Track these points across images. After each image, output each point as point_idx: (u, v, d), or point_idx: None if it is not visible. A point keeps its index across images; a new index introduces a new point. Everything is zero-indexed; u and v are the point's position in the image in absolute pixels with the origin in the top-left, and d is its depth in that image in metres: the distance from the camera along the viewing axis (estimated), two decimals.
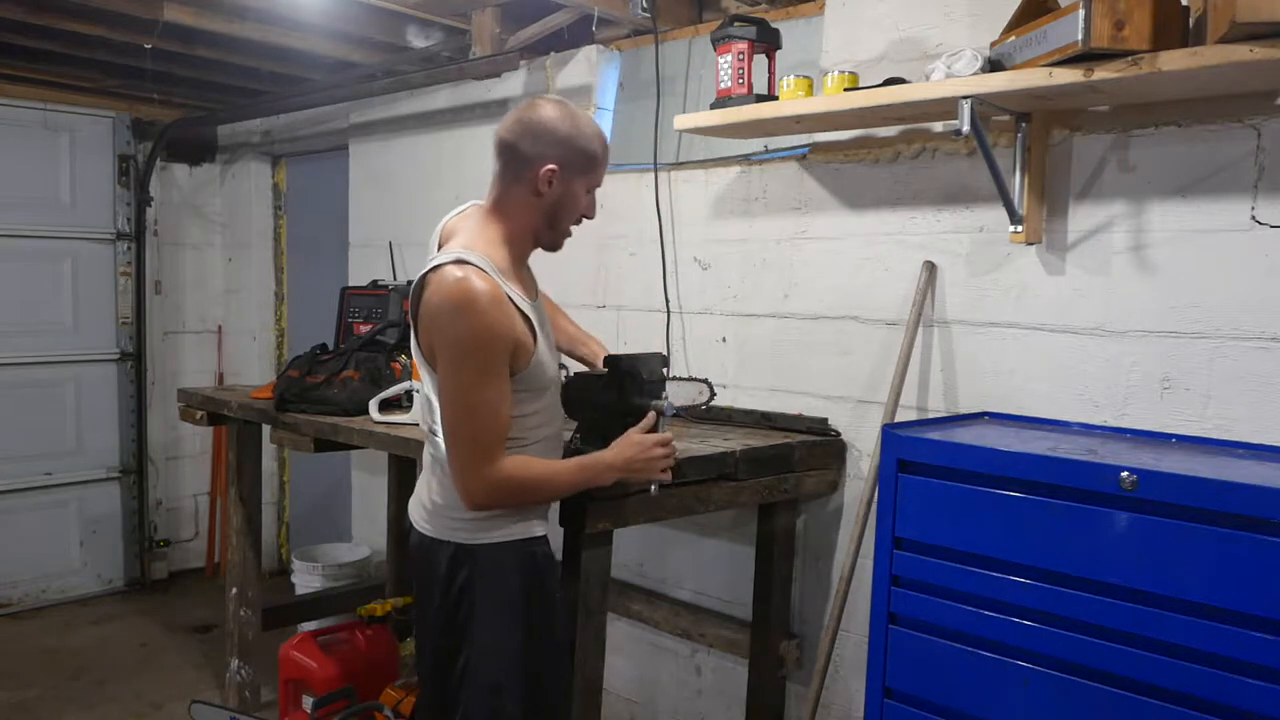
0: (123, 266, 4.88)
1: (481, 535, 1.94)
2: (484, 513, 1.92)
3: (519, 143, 1.89)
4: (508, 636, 1.95)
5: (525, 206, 1.92)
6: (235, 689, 3.48)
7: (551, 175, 1.88)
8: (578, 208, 1.96)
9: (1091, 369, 2.22)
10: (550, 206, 1.92)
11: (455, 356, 1.81)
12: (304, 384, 2.99)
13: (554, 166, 1.88)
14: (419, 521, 2.04)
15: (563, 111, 1.92)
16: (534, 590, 1.97)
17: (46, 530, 4.74)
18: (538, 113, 1.90)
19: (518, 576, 1.95)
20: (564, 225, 1.98)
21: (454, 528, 1.96)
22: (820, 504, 2.73)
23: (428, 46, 3.67)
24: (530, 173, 1.89)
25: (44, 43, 3.83)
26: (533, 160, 1.88)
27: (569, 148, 1.89)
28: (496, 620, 1.94)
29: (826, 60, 2.67)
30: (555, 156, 1.88)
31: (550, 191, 1.90)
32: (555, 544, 2.09)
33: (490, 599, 1.94)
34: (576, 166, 1.91)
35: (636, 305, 3.20)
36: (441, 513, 1.98)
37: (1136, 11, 1.80)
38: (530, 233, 1.95)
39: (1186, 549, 1.69)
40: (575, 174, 1.91)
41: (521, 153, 1.89)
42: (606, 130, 3.34)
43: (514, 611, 1.95)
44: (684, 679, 3.13)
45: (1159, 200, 2.13)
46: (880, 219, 2.59)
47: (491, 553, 1.94)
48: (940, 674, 2.00)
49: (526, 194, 1.91)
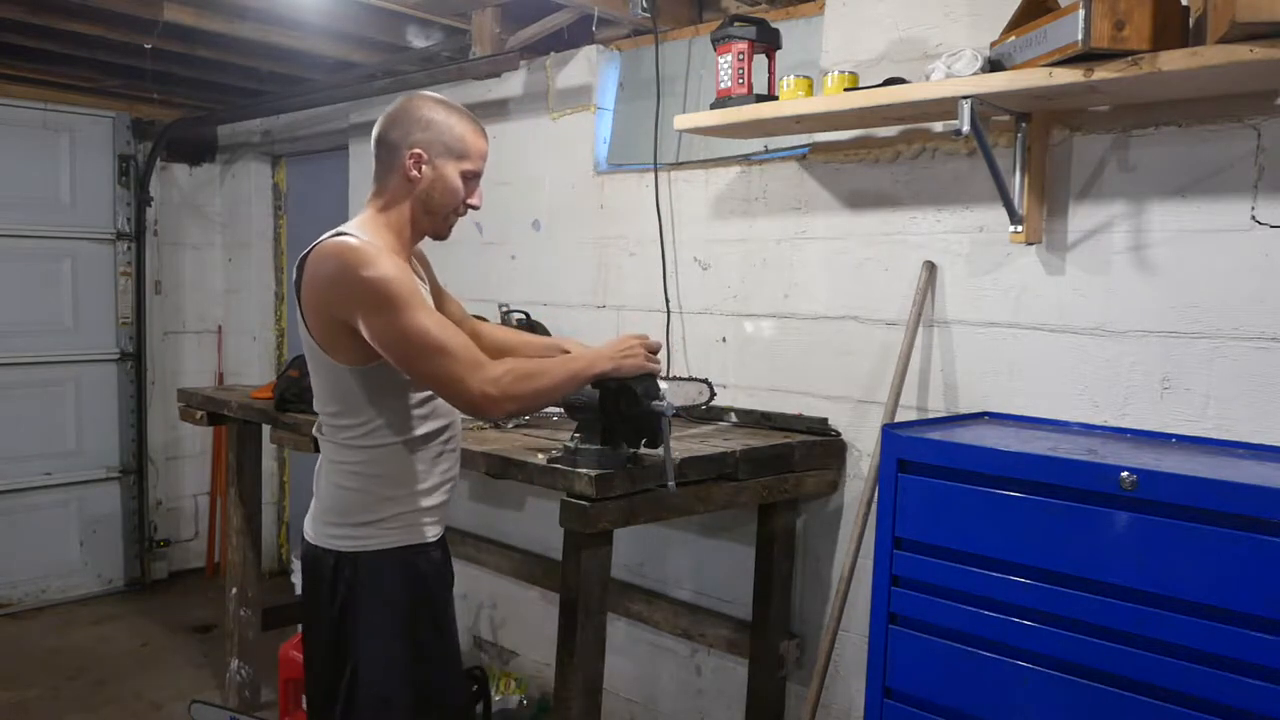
0: (123, 266, 4.88)
1: (362, 543, 1.90)
2: (367, 517, 1.88)
3: (387, 133, 1.91)
4: (394, 646, 1.90)
5: (400, 195, 1.92)
6: (235, 689, 3.48)
7: (418, 159, 1.88)
8: (454, 191, 1.93)
9: (1091, 369, 2.22)
10: (424, 192, 1.91)
11: (379, 303, 1.76)
12: (304, 384, 2.98)
13: (420, 151, 1.88)
14: (306, 530, 2.01)
15: (433, 101, 1.93)
16: (419, 599, 1.93)
17: (46, 530, 4.74)
18: (405, 104, 1.92)
19: (401, 585, 1.90)
20: (443, 211, 1.95)
21: (335, 535, 1.92)
22: (820, 504, 2.73)
23: (428, 46, 3.68)
24: (399, 160, 1.89)
25: (44, 43, 3.83)
26: (399, 146, 1.89)
27: (435, 130, 1.89)
28: (381, 630, 1.90)
29: (826, 60, 2.67)
30: (420, 140, 1.89)
31: (421, 176, 1.90)
32: (555, 542, 2.08)
33: (373, 609, 1.89)
34: (443, 149, 1.90)
35: (636, 305, 3.20)
36: (324, 519, 1.95)
37: (1136, 11, 1.80)
38: (409, 221, 1.94)
39: (1186, 549, 1.69)
40: (444, 157, 1.90)
41: (390, 141, 1.91)
42: (606, 130, 3.35)
43: (399, 621, 1.90)
44: (684, 679, 3.13)
45: (1159, 200, 2.13)
46: (880, 219, 2.59)
47: (372, 560, 1.90)
48: (940, 674, 2.00)
49: (400, 182, 1.91)
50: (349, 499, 1.92)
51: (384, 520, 1.90)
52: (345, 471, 1.92)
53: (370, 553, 1.90)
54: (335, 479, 1.94)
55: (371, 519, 1.90)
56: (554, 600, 2.27)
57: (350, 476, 1.92)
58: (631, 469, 2.12)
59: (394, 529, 1.91)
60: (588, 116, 3.35)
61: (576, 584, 2.18)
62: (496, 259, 3.66)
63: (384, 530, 1.91)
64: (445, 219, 1.97)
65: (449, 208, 1.95)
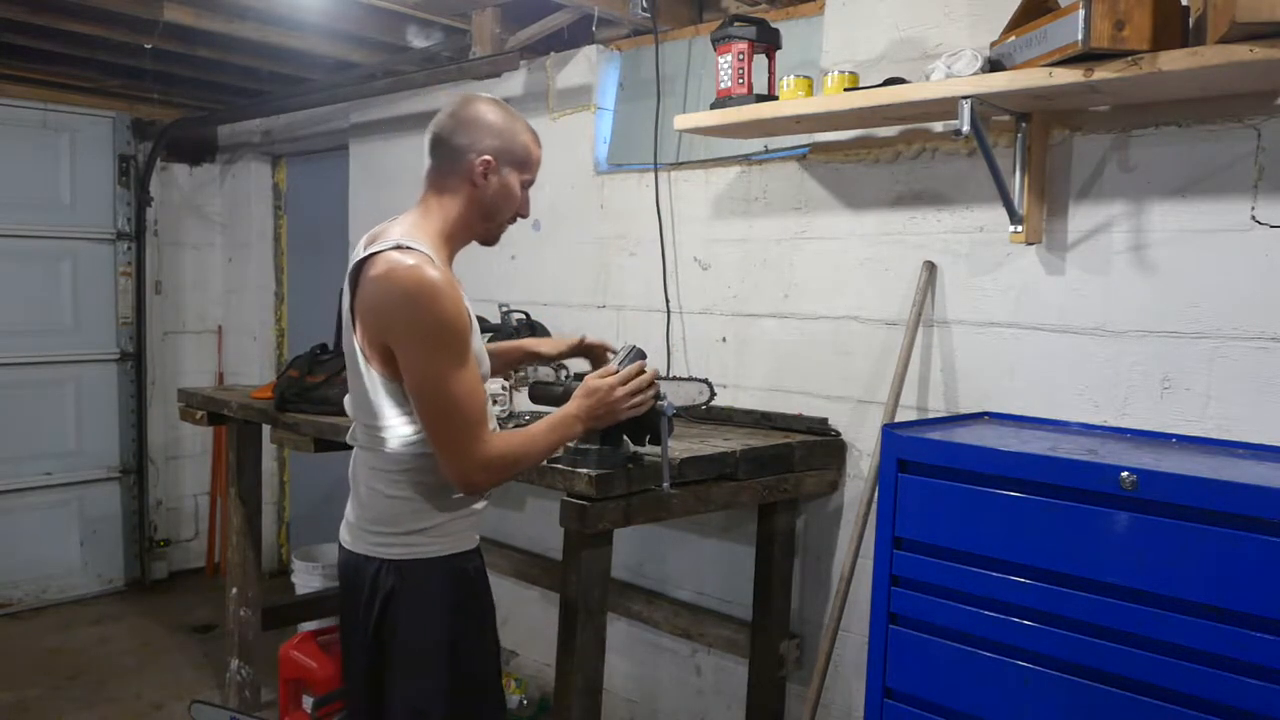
0: (123, 266, 4.88)
1: (411, 550, 1.87)
2: (420, 524, 1.86)
3: (452, 136, 1.87)
4: (433, 657, 1.87)
5: (461, 200, 1.89)
6: (235, 689, 3.48)
7: (487, 165, 1.86)
8: (514, 201, 1.92)
9: (1091, 369, 2.22)
10: (489, 198, 1.89)
11: (427, 347, 1.75)
12: (304, 384, 2.99)
13: (489, 157, 1.86)
14: (344, 539, 1.98)
15: (497, 106, 1.91)
16: (462, 609, 1.90)
17: (46, 530, 4.74)
18: (471, 107, 1.89)
19: (444, 594, 1.88)
20: (501, 219, 1.94)
21: (381, 543, 1.89)
22: (820, 504, 2.73)
23: (428, 46, 3.68)
24: (465, 165, 1.86)
25: (44, 43, 3.83)
26: (466, 151, 1.86)
27: (504, 139, 1.88)
28: (421, 640, 1.87)
29: (826, 60, 2.67)
30: (490, 147, 1.86)
31: (487, 183, 1.87)
32: (555, 544, 2.08)
33: (411, 618, 1.86)
34: (511, 158, 1.89)
35: (636, 305, 3.20)
36: (368, 527, 1.91)
37: (1136, 11, 1.80)
38: (466, 227, 1.92)
39: (1187, 549, 1.69)
40: (510, 166, 1.89)
41: (455, 146, 1.87)
42: (606, 130, 3.35)
43: (439, 631, 1.87)
44: (684, 679, 3.13)
45: (1159, 200, 2.13)
46: (880, 219, 2.59)
47: (421, 568, 1.87)
48: (940, 674, 2.00)
49: (462, 187, 1.88)
50: (397, 507, 1.88)
51: (432, 529, 1.88)
52: (390, 480, 1.88)
53: (419, 561, 1.87)
54: (379, 486, 1.89)
55: (420, 527, 1.87)
56: (554, 600, 2.27)
57: (396, 485, 1.87)
58: (631, 469, 2.13)
59: (442, 537, 1.89)
60: (588, 116, 3.35)
61: (576, 584, 2.18)
62: (496, 259, 3.66)
63: (432, 539, 1.88)
64: (500, 226, 1.96)
65: (507, 216, 1.95)
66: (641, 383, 1.98)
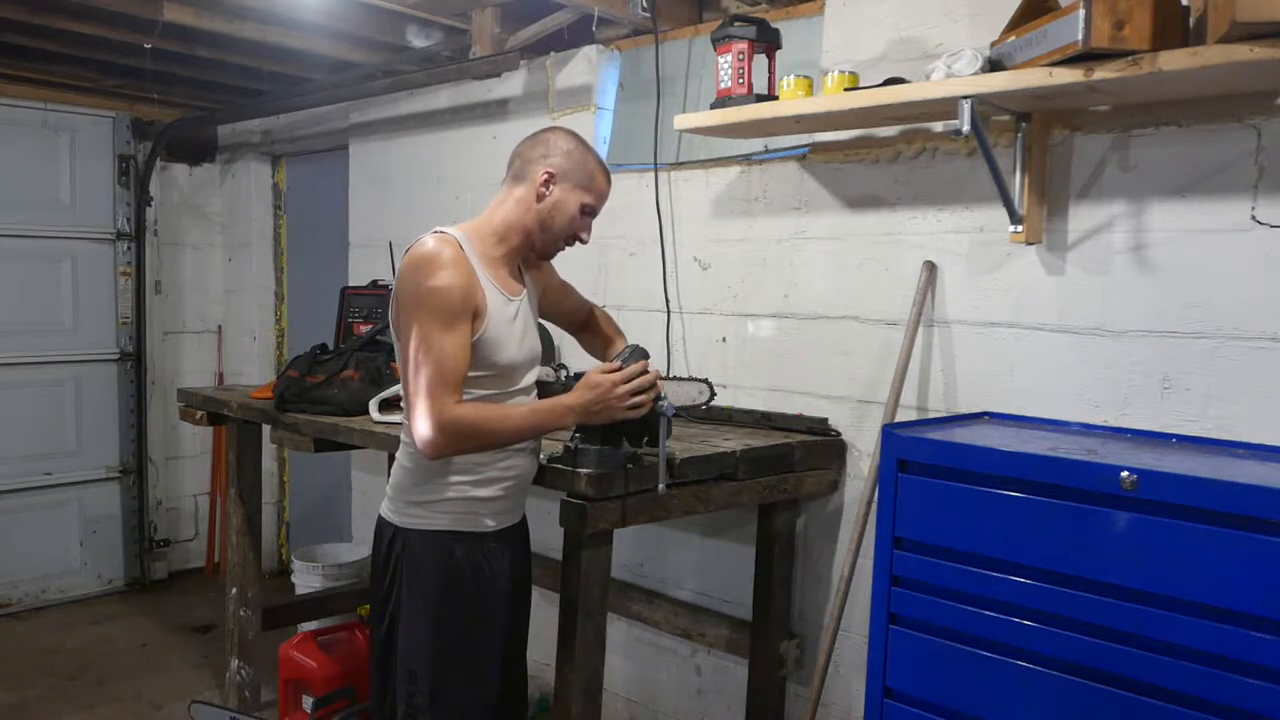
0: (123, 266, 4.88)
1: (411, 520, 2.04)
2: (417, 497, 2.02)
3: (528, 150, 2.08)
4: (421, 626, 2.02)
5: (521, 205, 2.06)
6: (235, 689, 3.48)
7: (549, 178, 2.04)
8: (571, 219, 2.07)
9: (1091, 369, 2.22)
10: (545, 209, 2.05)
11: (415, 309, 1.90)
12: (304, 384, 2.99)
13: (552, 171, 2.04)
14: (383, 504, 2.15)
15: (575, 137, 2.10)
16: (450, 587, 2.02)
17: (46, 530, 4.74)
18: (551, 131, 2.11)
19: (434, 568, 2.02)
20: (556, 232, 2.08)
21: (392, 510, 2.08)
22: (820, 504, 2.73)
23: (428, 46, 3.67)
24: (532, 174, 2.05)
25: (44, 43, 3.82)
26: (535, 163, 2.06)
27: (569, 160, 2.06)
28: (413, 607, 2.03)
29: (826, 60, 2.67)
30: (556, 164, 2.05)
31: (548, 194, 2.05)
32: (554, 542, 2.07)
33: (410, 585, 2.03)
34: (574, 178, 2.05)
35: (636, 305, 3.20)
36: (389, 494, 2.11)
37: (1136, 11, 1.80)
38: (522, 231, 2.07)
39: (1187, 549, 1.69)
40: (571, 185, 2.05)
41: (529, 156, 2.07)
42: (606, 130, 3.36)
43: (427, 602, 2.02)
44: (684, 679, 3.13)
45: (1159, 200, 2.13)
46: (880, 219, 2.59)
47: (417, 540, 2.03)
48: (940, 674, 2.00)
49: (525, 194, 2.06)
50: (404, 477, 2.06)
51: (433, 502, 2.03)
52: (405, 450, 2.07)
53: (417, 531, 2.03)
54: (400, 457, 2.09)
55: (421, 499, 2.03)
56: (554, 600, 2.27)
57: (407, 455, 2.06)
58: (631, 469, 2.13)
59: (443, 513, 2.03)
60: (588, 116, 3.34)
61: (576, 584, 2.18)
62: None
63: (432, 512, 2.03)
64: (555, 242, 2.11)
65: (562, 233, 2.09)
66: (643, 383, 2.02)
